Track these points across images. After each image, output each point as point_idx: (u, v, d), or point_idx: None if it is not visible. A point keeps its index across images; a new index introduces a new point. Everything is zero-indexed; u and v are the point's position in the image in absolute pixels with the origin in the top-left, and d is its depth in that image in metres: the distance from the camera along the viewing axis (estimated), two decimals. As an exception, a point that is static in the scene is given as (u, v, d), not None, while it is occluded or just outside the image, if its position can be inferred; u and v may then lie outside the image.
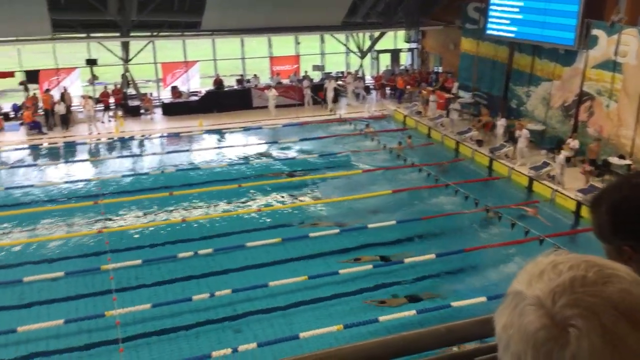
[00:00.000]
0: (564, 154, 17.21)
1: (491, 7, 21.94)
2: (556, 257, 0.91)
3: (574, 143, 18.02)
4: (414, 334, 1.62)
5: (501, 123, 20.66)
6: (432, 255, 13.21)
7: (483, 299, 11.31)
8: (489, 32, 22.29)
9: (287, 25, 27.58)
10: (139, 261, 12.81)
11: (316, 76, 29.94)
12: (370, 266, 12.71)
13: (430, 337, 1.59)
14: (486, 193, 17.12)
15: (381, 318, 10.71)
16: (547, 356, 0.81)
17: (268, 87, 27.35)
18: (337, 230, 14.50)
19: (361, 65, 31.03)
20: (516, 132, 19.28)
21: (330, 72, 31.84)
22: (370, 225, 14.73)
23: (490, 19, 22.11)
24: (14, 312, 11.11)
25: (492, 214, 15.29)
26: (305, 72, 30.15)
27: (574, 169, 17.67)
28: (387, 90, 30.04)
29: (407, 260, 12.89)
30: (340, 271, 12.42)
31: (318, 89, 27.85)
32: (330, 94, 27.03)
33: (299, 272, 12.34)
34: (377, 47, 31.93)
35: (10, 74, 26.91)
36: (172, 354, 9.87)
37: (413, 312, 10.98)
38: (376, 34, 30.64)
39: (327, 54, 32.77)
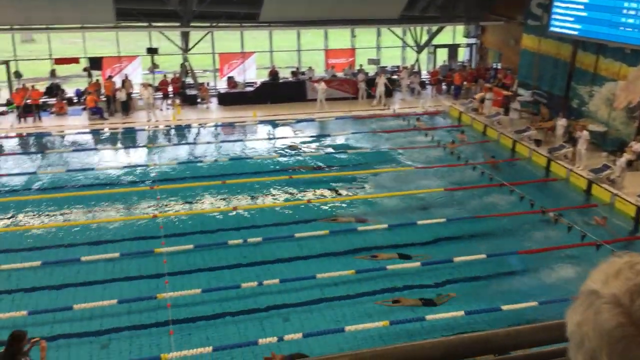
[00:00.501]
0: (626, 157, 16.56)
1: (555, 3, 21.23)
2: (632, 257, 0.92)
3: (638, 146, 17.30)
4: (482, 336, 1.59)
5: (561, 123, 20.03)
6: (483, 255, 12.98)
7: (534, 303, 11.05)
8: (552, 29, 21.59)
9: (344, 18, 27.51)
10: (191, 246, 13.11)
11: (371, 70, 29.76)
12: (417, 263, 12.58)
13: (499, 338, 1.55)
14: (543, 194, 16.67)
15: (428, 317, 10.61)
16: (623, 354, 0.81)
17: (318, 80, 27.37)
18: (385, 226, 14.42)
19: (417, 60, 30.65)
20: (576, 133, 18.67)
21: (385, 66, 31.63)
22: (419, 222, 14.58)
23: (553, 16, 21.40)
24: (71, 290, 11.53)
25: (554, 217, 14.83)
26: (360, 65, 30.04)
27: (635, 173, 16.99)
28: (443, 86, 29.59)
29: (456, 259, 12.70)
30: (388, 267, 12.35)
31: (371, 83, 27.67)
32: (380, 89, 26.83)
33: (346, 266, 12.36)
34: (435, 41, 31.47)
35: (75, 60, 27.91)
36: (220, 338, 10.05)
37: (461, 312, 10.82)
38: (434, 28, 30.19)
39: (383, 47, 32.54)
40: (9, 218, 14.95)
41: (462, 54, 33.49)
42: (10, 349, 6.98)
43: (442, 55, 32.47)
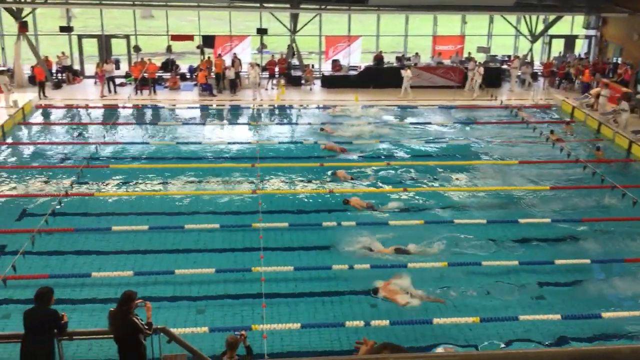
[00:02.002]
0: None
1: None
2: None
3: None
4: (602, 350, 1.51)
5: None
6: (587, 260, 12.30)
7: (637, 313, 10.40)
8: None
9: (456, 4, 26.77)
10: (286, 224, 13.42)
11: (480, 58, 28.80)
12: (516, 262, 12.12)
13: (621, 356, 1.47)
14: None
15: (521, 317, 10.25)
16: None
17: (404, 66, 26.78)
18: (484, 221, 14.00)
19: (531, 50, 29.29)
20: None
21: (495, 55, 30.50)
22: (521, 221, 14.02)
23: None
24: (172, 256, 12.19)
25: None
26: (469, 53, 29.16)
27: None
28: (557, 79, 28.09)
29: (557, 262, 12.12)
30: (484, 263, 12.01)
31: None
32: (478, 80, 25.86)
33: (439, 258, 12.17)
34: (551, 31, 29.91)
35: (190, 38, 29.17)
36: (309, 316, 10.25)
37: (558, 316, 10.35)
38: (551, 17, 28.67)
39: (494, 35, 31.37)
40: (122, 184, 15.98)
41: (580, 46, 31.62)
42: (123, 308, 7.48)
43: (558, 47, 30.82)
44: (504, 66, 29.42)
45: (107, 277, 11.20)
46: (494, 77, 27.43)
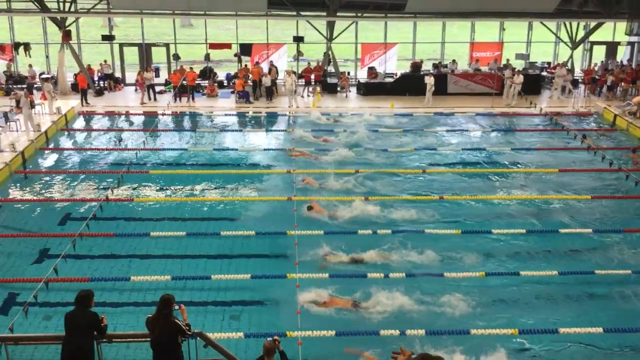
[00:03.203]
0: None
1: None
2: None
3: None
4: None
5: None
6: (628, 271, 11.96)
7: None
8: None
9: (494, 10, 26.46)
10: (321, 232, 13.40)
11: (519, 65, 28.38)
12: (555, 272, 11.85)
13: None
14: None
15: (562, 330, 10.00)
16: None
17: (427, 74, 26.55)
18: (523, 230, 13.75)
19: (571, 57, 28.73)
20: None
21: (535, 62, 30.04)
22: (562, 231, 13.73)
23: None
24: (208, 261, 12.32)
25: None
26: (507, 60, 28.80)
27: None
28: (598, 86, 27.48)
29: (598, 272, 11.82)
30: (522, 273, 11.78)
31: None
32: (517, 87, 25.46)
33: (476, 267, 11.99)
34: (592, 37, 29.29)
35: (228, 46, 29.57)
36: (344, 325, 10.16)
37: (600, 329, 10.08)
38: (592, 24, 28.10)
39: (534, 42, 30.89)
40: (160, 190, 16.25)
41: (622, 53, 30.87)
42: (165, 312, 7.58)
43: (599, 54, 30.16)
44: (544, 73, 28.92)
45: (145, 281, 11.38)
46: (533, 84, 26.99)
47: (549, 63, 30.41)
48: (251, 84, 26.63)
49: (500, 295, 11.24)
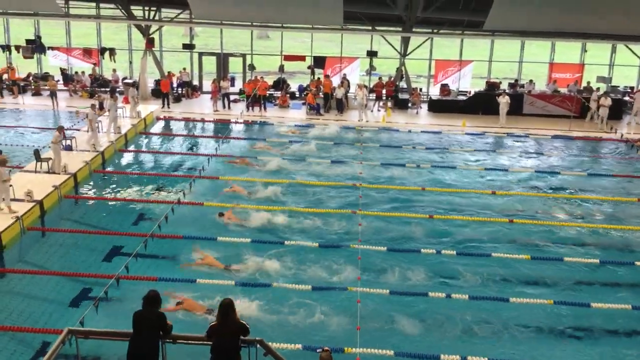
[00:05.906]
0: None
1: None
2: None
3: None
4: None
5: None
6: None
7: None
8: None
9: (576, 31, 25.56)
10: (384, 248, 13.30)
11: (600, 88, 27.28)
12: (628, 306, 11.25)
13: None
14: None
15: None
16: None
17: (501, 93, 25.83)
18: (597, 260, 13.17)
19: (655, 81, 27.39)
20: None
21: (617, 86, 28.82)
22: (638, 263, 13.05)
23: None
24: (271, 270, 12.40)
25: None
26: (588, 82, 27.77)
27: None
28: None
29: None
30: (593, 304, 11.25)
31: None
32: (605, 112, 24.46)
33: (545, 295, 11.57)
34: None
35: (302, 58, 30.01)
36: (401, 344, 10.02)
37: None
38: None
39: (617, 65, 29.64)
40: (229, 196, 16.58)
41: None
42: (232, 315, 7.73)
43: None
44: (626, 98, 27.69)
45: (210, 285, 11.62)
46: (614, 109, 25.88)
47: (632, 88, 29.08)
48: (322, 96, 26.86)
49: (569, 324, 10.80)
